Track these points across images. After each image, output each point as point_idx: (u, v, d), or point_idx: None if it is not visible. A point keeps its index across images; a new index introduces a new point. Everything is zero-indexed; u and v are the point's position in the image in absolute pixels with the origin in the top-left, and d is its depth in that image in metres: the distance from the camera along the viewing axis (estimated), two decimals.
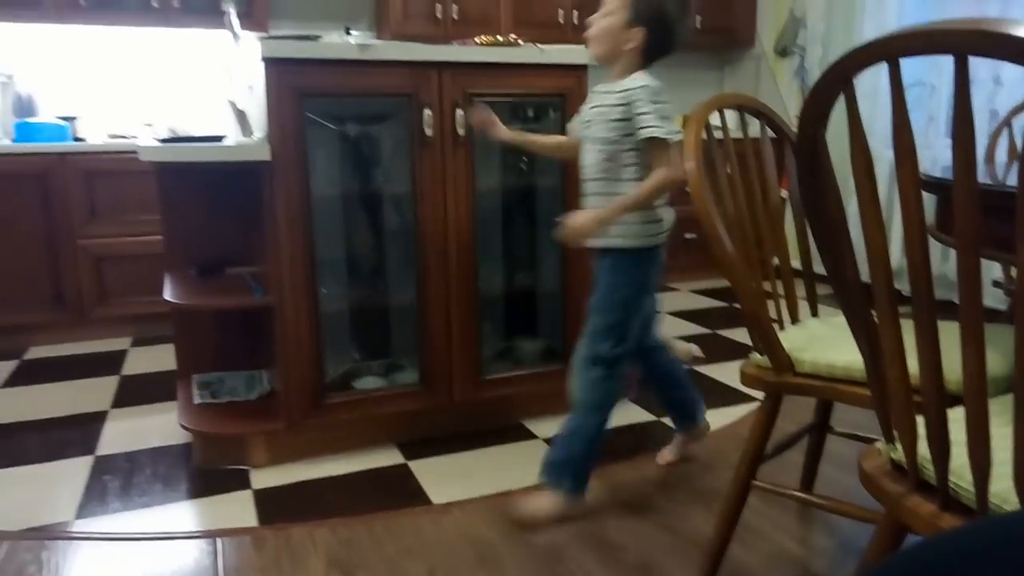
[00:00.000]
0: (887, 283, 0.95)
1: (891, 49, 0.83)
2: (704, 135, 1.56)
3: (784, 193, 2.18)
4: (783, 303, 1.67)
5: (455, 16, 4.09)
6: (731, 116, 1.67)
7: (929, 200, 1.36)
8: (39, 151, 3.32)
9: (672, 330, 3.47)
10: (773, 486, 1.55)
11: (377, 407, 2.28)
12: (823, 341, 1.52)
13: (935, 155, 3.63)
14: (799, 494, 1.69)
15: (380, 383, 2.31)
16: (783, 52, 4.57)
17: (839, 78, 0.90)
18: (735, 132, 1.65)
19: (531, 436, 2.38)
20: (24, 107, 3.59)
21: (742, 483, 1.54)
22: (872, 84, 3.87)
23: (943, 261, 3.49)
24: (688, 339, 3.26)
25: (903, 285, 2.21)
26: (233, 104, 2.12)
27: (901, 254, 3.09)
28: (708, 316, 3.85)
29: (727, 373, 2.91)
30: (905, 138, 0.86)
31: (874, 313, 1.01)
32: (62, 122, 3.53)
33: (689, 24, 1.76)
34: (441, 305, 2.28)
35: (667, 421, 2.50)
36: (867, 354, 1.05)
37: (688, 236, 4.43)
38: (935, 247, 2.22)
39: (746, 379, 1.51)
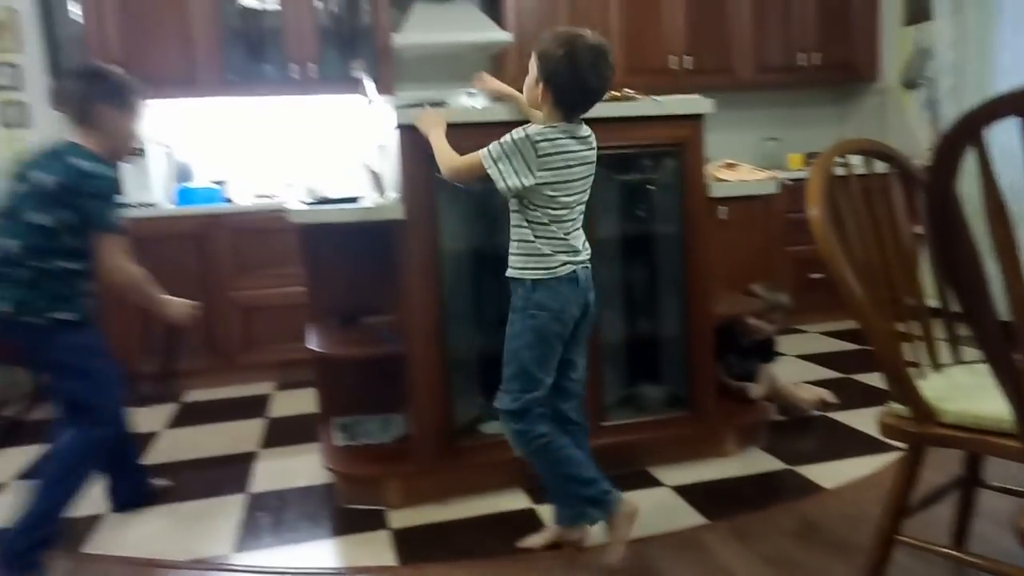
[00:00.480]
0: None
1: (1022, 105, 0.83)
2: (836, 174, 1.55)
3: (919, 229, 2.11)
4: (922, 347, 1.61)
5: None
6: (858, 160, 1.65)
7: None
8: (196, 213, 3.69)
9: (802, 374, 3.36)
10: (921, 542, 1.48)
11: (504, 452, 2.33)
12: (968, 390, 1.45)
13: None
14: (950, 551, 1.60)
15: None
16: (910, 85, 4.40)
17: (967, 132, 0.90)
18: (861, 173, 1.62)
19: (657, 483, 2.37)
20: (182, 173, 4.00)
21: (885, 538, 1.48)
22: None
23: None
24: (820, 384, 3.14)
25: None
26: (368, 166, 2.30)
27: None
28: (841, 359, 3.70)
29: (865, 420, 2.78)
30: None
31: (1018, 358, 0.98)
32: (214, 186, 3.91)
33: (603, 75, 1.73)
34: None
35: (804, 472, 2.42)
36: (1014, 405, 1.02)
37: (813, 276, 4.30)
38: None
39: (885, 429, 1.46)
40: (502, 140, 1.77)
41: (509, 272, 1.86)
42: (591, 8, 4.23)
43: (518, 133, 1.76)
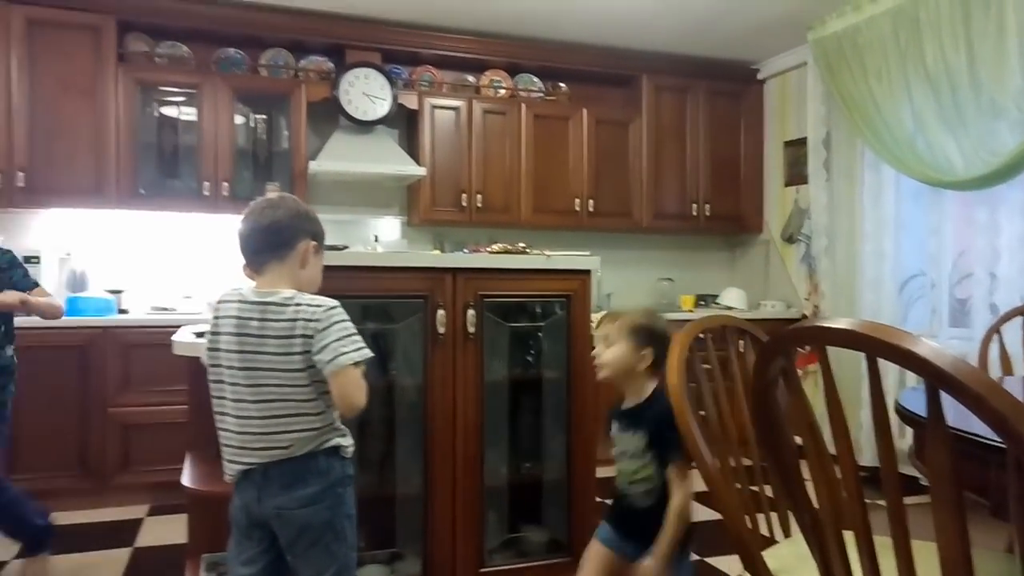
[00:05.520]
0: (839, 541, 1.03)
1: (819, 337, 0.96)
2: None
3: None
4: (775, 514, 1.71)
5: (479, 204, 4.43)
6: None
7: None
8: (84, 325, 3.57)
9: None
10: None
11: None
12: (812, 561, 1.54)
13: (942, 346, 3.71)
14: None
15: (383, 573, 2.33)
16: (790, 239, 4.81)
17: (778, 351, 1.03)
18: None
19: None
20: (77, 282, 3.89)
21: None
22: (877, 271, 4.06)
23: None
24: (700, 524, 3.21)
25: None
26: None
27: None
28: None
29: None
30: (840, 423, 0.98)
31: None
32: (109, 295, 3.81)
33: (245, 220, 1.71)
34: (447, 495, 2.35)
35: None
36: None
37: (700, 412, 4.47)
38: None
39: None
40: None
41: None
42: (502, 150, 4.50)
43: None
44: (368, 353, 1.63)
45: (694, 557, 2.96)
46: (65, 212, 3.95)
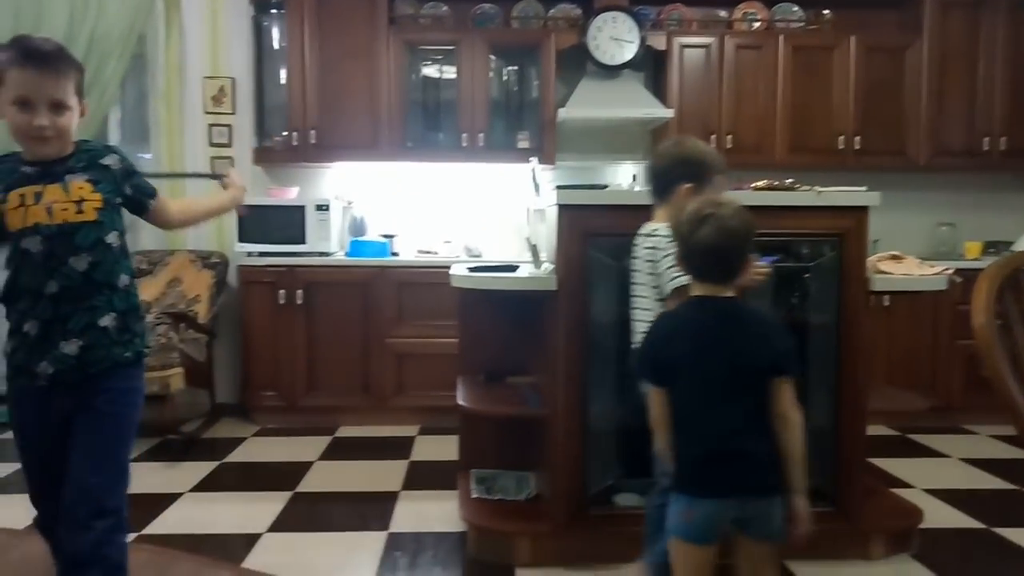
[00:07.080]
0: None
1: None
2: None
3: None
4: None
5: (729, 144, 4.24)
6: None
7: None
8: (365, 264, 4.02)
9: (967, 482, 3.11)
10: None
11: (634, 525, 2.36)
12: None
13: None
14: None
15: (639, 501, 2.39)
16: None
17: None
18: None
19: None
20: (357, 227, 4.37)
21: None
22: None
23: None
24: (986, 492, 2.89)
25: None
26: (528, 240, 2.45)
27: None
28: (1012, 468, 3.36)
29: None
30: None
31: None
32: (383, 239, 4.24)
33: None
34: None
35: None
36: None
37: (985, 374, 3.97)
38: None
39: None
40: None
41: None
42: (755, 87, 4.25)
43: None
44: (681, 282, 1.82)
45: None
46: (346, 166, 4.43)
